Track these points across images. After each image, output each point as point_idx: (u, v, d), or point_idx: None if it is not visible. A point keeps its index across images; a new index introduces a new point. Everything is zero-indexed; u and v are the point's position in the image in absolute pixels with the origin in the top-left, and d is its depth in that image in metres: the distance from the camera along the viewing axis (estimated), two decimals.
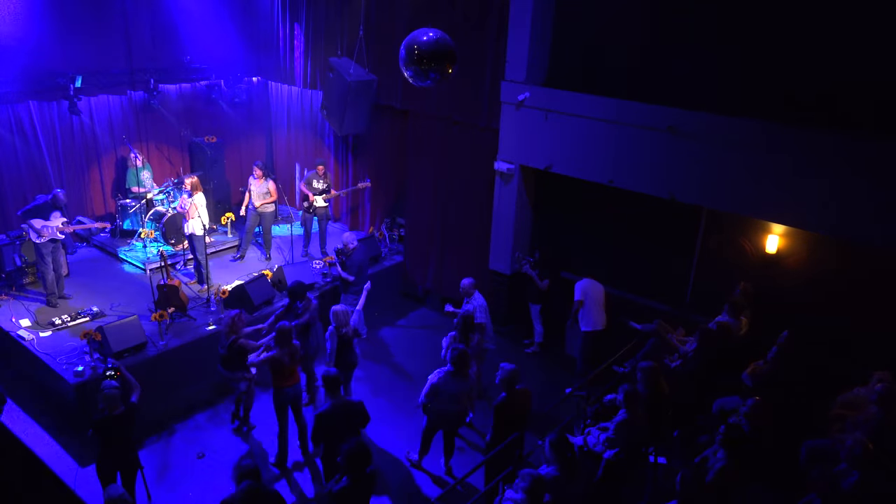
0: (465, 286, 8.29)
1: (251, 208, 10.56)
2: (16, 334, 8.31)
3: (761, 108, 7.34)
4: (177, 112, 11.94)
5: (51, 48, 10.03)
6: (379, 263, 10.91)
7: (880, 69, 6.78)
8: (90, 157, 11.16)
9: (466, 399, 6.95)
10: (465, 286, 8.30)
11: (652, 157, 7.95)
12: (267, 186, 10.53)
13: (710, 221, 8.41)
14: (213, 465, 7.45)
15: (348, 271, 9.08)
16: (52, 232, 8.82)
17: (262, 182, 10.52)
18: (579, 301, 8.48)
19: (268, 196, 10.53)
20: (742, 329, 7.52)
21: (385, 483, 7.26)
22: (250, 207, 10.57)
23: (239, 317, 7.60)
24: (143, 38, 11.10)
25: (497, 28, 9.05)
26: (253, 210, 10.55)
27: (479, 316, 8.08)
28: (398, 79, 10.38)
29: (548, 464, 5.53)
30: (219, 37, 11.96)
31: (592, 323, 8.52)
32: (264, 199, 10.51)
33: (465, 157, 10.00)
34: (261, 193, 10.51)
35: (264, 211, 10.58)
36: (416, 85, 6.60)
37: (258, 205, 10.51)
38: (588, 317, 8.51)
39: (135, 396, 6.31)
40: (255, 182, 10.51)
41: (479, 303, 8.25)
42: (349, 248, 9.10)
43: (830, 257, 7.56)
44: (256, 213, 10.56)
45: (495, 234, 9.89)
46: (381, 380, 9.07)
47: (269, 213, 10.65)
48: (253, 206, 10.54)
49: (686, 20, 7.86)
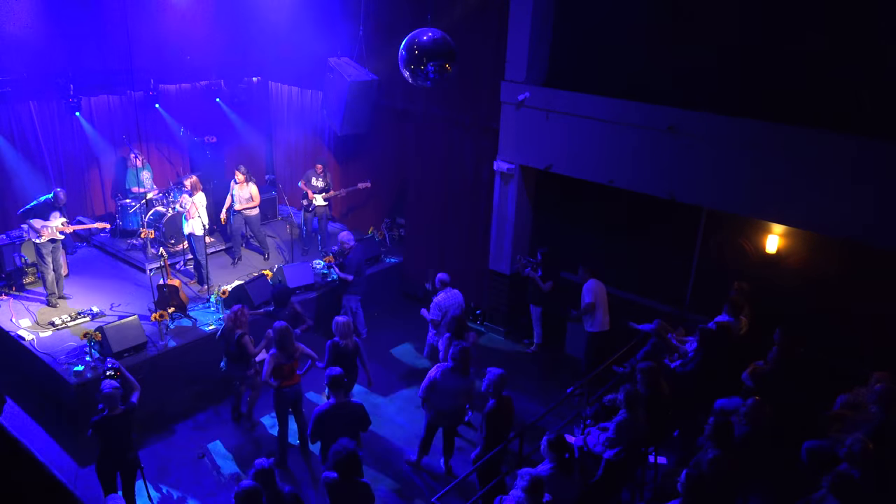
0: (442, 279, 8.39)
1: (233, 212, 10.39)
2: (16, 334, 8.32)
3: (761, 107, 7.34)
4: (177, 112, 11.94)
5: (51, 48, 10.03)
6: (379, 263, 10.90)
7: (880, 70, 6.79)
8: (90, 157, 11.17)
9: (466, 396, 6.96)
10: (441, 279, 8.39)
11: (652, 157, 7.95)
12: (249, 191, 10.35)
13: (710, 221, 8.41)
14: (213, 465, 7.45)
15: (347, 271, 9.07)
16: (52, 232, 8.82)
17: (245, 186, 10.33)
18: (591, 304, 8.43)
19: (251, 200, 10.38)
20: (742, 329, 7.52)
21: (383, 484, 7.26)
22: (232, 211, 10.41)
23: (242, 311, 7.64)
24: (143, 37, 11.10)
25: (497, 28, 9.05)
26: (235, 213, 10.39)
27: (452, 312, 8.13)
28: (398, 79, 10.38)
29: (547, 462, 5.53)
30: (219, 37, 11.97)
31: (599, 324, 8.51)
32: (247, 203, 10.35)
33: (465, 157, 10.00)
34: (243, 198, 10.33)
35: (248, 215, 10.45)
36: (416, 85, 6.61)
37: (239, 209, 10.32)
38: (596, 318, 8.50)
39: (135, 396, 6.31)
40: (237, 186, 10.32)
41: (457, 300, 8.31)
42: (346, 248, 9.10)
43: (830, 257, 7.55)
44: (240, 216, 10.41)
45: (495, 234, 9.88)
46: (380, 380, 9.06)
47: (253, 216, 10.52)
48: (235, 211, 10.36)
49: (686, 20, 7.86)
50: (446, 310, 8.16)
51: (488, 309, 10.37)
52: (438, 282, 8.41)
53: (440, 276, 8.44)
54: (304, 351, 7.34)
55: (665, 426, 6.61)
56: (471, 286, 10.48)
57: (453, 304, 8.26)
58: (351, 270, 9.06)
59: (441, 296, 8.29)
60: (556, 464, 5.39)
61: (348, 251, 9.09)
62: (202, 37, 11.75)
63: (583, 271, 8.57)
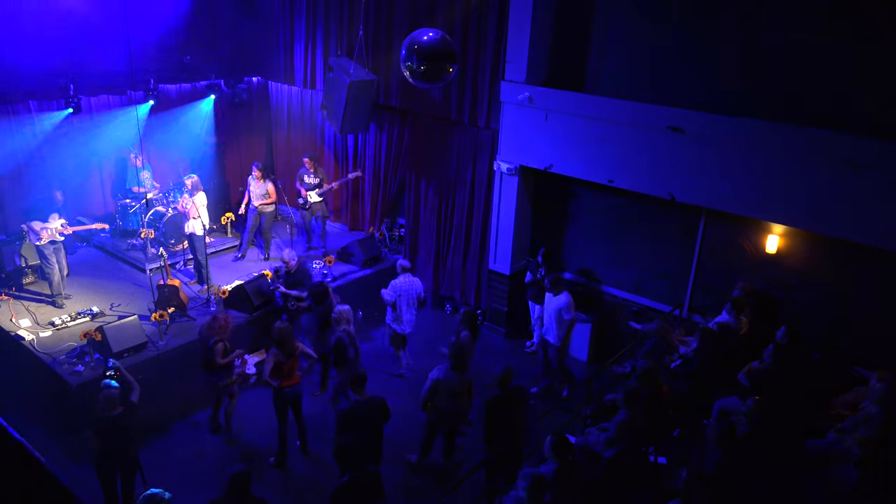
0: (402, 264, 8.84)
1: (252, 209, 10.59)
2: (16, 334, 8.31)
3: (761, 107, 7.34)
4: (177, 112, 11.92)
5: (51, 48, 10.03)
6: (379, 263, 10.90)
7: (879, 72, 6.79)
8: (90, 156, 11.15)
9: (466, 394, 6.95)
10: (402, 264, 8.84)
11: (652, 157, 7.95)
12: (266, 187, 10.54)
13: (710, 221, 8.41)
14: (213, 465, 7.45)
15: (297, 289, 8.73)
16: (52, 234, 8.81)
17: (262, 183, 10.54)
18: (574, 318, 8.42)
19: (267, 197, 10.55)
20: (742, 329, 7.51)
21: (384, 484, 7.25)
22: (251, 208, 10.61)
23: (226, 317, 7.46)
24: (143, 37, 11.09)
25: (497, 28, 9.05)
26: (253, 210, 10.59)
27: (405, 297, 8.67)
28: (398, 79, 10.40)
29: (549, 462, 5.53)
30: (219, 37, 11.95)
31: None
32: (263, 199, 10.53)
33: (465, 157, 10.00)
34: (260, 194, 10.52)
35: (264, 211, 10.61)
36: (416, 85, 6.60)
37: (257, 205, 10.54)
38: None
39: (134, 396, 6.31)
40: (254, 183, 10.54)
41: (413, 286, 8.77)
42: (291, 266, 8.76)
43: (830, 257, 7.55)
44: (257, 213, 10.59)
45: (495, 234, 9.88)
46: (380, 380, 9.05)
47: (268, 212, 10.67)
48: (253, 207, 10.57)
49: (686, 19, 7.86)
50: (400, 293, 8.74)
51: (488, 309, 10.37)
52: (399, 267, 8.88)
53: (401, 262, 8.96)
54: (304, 350, 7.34)
55: (665, 426, 6.61)
56: (471, 286, 10.50)
57: (409, 288, 8.79)
58: (304, 287, 8.70)
59: (400, 279, 8.80)
60: (559, 464, 5.39)
61: (295, 269, 8.79)
62: (202, 37, 11.74)
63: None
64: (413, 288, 8.83)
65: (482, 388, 7.40)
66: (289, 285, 8.79)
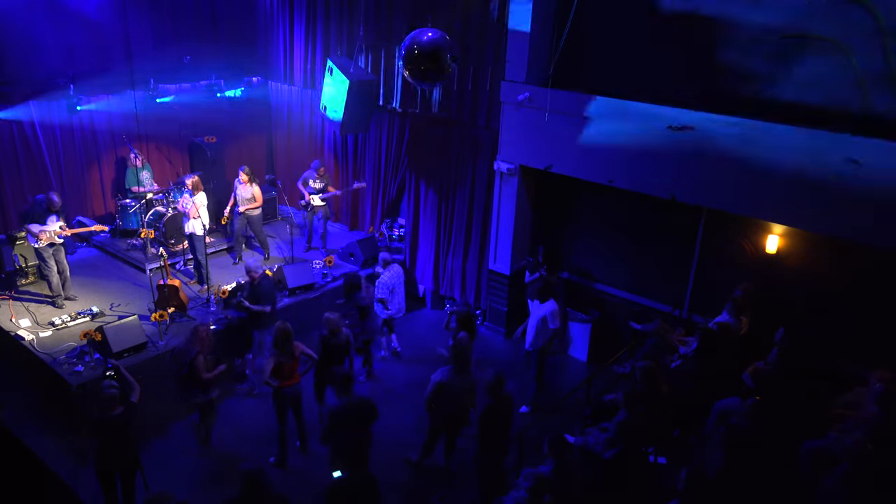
0: (384, 258, 9.08)
1: (237, 212, 10.43)
2: (16, 334, 8.31)
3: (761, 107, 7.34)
4: (176, 112, 11.93)
5: (51, 48, 10.03)
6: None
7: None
8: (90, 157, 11.15)
9: (470, 395, 6.93)
10: (384, 258, 9.11)
11: (652, 157, 7.95)
12: (252, 191, 10.36)
13: (710, 221, 8.41)
14: (213, 465, 7.45)
15: (262, 302, 8.32)
16: (51, 236, 8.78)
17: (249, 187, 10.35)
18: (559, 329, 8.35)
19: (253, 201, 10.38)
20: (742, 329, 7.51)
21: (382, 484, 7.25)
22: (236, 211, 10.44)
23: (206, 329, 7.25)
24: (143, 37, 11.09)
25: (497, 28, 9.05)
26: (239, 214, 10.42)
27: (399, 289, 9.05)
28: (398, 79, 10.40)
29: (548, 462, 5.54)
30: (218, 37, 11.95)
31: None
32: (249, 203, 10.36)
33: (465, 157, 10.00)
34: (246, 198, 10.34)
35: (250, 215, 10.45)
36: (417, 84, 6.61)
37: (243, 210, 10.36)
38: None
39: (134, 396, 6.31)
40: (240, 186, 10.35)
41: (400, 276, 9.03)
42: (255, 277, 8.32)
43: (830, 257, 7.56)
44: (243, 216, 10.43)
45: (495, 233, 9.88)
46: (380, 380, 9.06)
47: (254, 216, 10.52)
48: (238, 211, 10.39)
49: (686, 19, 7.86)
50: (392, 286, 8.94)
51: (488, 309, 10.37)
52: (381, 261, 9.08)
53: (382, 256, 9.19)
54: (304, 350, 7.33)
55: (665, 426, 6.61)
56: (471, 286, 10.50)
57: (399, 279, 9.09)
58: (265, 301, 8.36)
59: (385, 275, 8.98)
60: (557, 464, 5.39)
61: (258, 280, 8.35)
62: (202, 37, 11.73)
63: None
64: (401, 276, 9.20)
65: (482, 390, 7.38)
66: (252, 299, 8.33)
